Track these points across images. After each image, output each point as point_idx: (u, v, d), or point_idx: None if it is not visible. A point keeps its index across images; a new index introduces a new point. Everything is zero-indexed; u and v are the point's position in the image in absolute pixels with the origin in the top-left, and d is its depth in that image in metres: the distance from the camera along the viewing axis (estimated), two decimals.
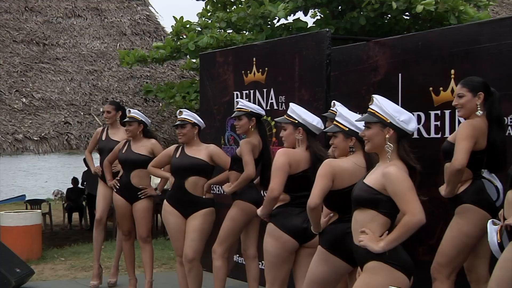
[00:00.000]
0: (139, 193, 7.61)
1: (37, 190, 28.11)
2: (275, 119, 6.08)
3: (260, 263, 7.08)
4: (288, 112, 5.55)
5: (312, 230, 4.99)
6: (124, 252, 8.12)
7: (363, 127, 4.43)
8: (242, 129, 6.51)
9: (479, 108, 5.44)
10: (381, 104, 4.26)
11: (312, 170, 5.13)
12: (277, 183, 5.29)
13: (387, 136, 4.20)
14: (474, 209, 5.40)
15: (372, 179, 4.24)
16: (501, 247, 5.04)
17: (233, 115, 6.67)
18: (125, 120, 7.78)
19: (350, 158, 4.81)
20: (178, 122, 6.74)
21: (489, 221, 5.24)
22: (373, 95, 4.38)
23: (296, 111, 5.49)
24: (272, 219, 5.49)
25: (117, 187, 7.73)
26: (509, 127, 6.30)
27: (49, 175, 40.11)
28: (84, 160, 16.29)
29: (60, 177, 33.87)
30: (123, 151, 7.67)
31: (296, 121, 5.43)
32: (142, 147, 7.64)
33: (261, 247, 6.09)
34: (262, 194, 6.77)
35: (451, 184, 5.43)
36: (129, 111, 7.89)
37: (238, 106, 6.55)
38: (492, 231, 5.19)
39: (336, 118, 5.06)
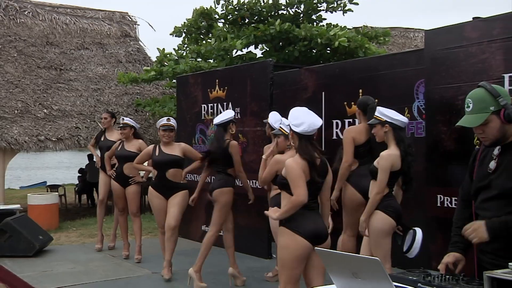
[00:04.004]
0: (130, 180, 7.62)
1: (55, 178, 27.63)
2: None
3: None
4: (376, 113, 4.90)
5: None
6: (120, 224, 8.09)
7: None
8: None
9: (357, 118, 5.82)
10: (290, 113, 4.15)
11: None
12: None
13: (290, 136, 4.17)
14: (349, 187, 5.58)
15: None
16: None
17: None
18: (120, 125, 7.77)
19: (289, 153, 4.68)
20: (167, 127, 6.56)
21: None
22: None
23: (384, 112, 4.85)
24: None
25: (114, 175, 7.74)
26: None
27: (64, 166, 39.44)
28: (88, 155, 16.14)
29: (71, 168, 33.32)
30: (118, 149, 7.70)
31: (384, 120, 4.81)
32: (133, 146, 7.64)
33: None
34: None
35: (341, 179, 5.54)
36: (123, 118, 7.89)
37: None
38: None
39: (281, 125, 5.13)
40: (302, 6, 12.03)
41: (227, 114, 6.25)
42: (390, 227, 4.72)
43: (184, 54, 12.23)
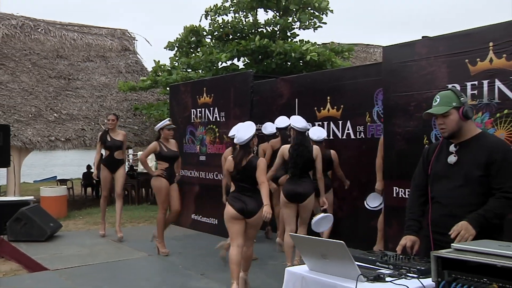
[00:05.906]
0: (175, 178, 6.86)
1: (64, 173, 27.34)
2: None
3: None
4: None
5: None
6: (166, 222, 6.90)
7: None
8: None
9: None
10: None
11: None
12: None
13: None
14: None
15: None
16: None
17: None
18: (169, 127, 6.82)
19: None
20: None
21: None
22: None
23: (292, 118, 5.72)
24: None
25: (164, 174, 6.69)
26: (362, 133, 6.48)
27: (72, 163, 39.06)
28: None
29: (78, 164, 33.01)
30: (166, 150, 6.75)
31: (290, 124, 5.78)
32: (174, 145, 6.94)
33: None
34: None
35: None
36: (170, 120, 7.09)
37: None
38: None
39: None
40: (279, 25, 12.09)
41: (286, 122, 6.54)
42: (283, 202, 5.49)
43: (176, 65, 12.21)
